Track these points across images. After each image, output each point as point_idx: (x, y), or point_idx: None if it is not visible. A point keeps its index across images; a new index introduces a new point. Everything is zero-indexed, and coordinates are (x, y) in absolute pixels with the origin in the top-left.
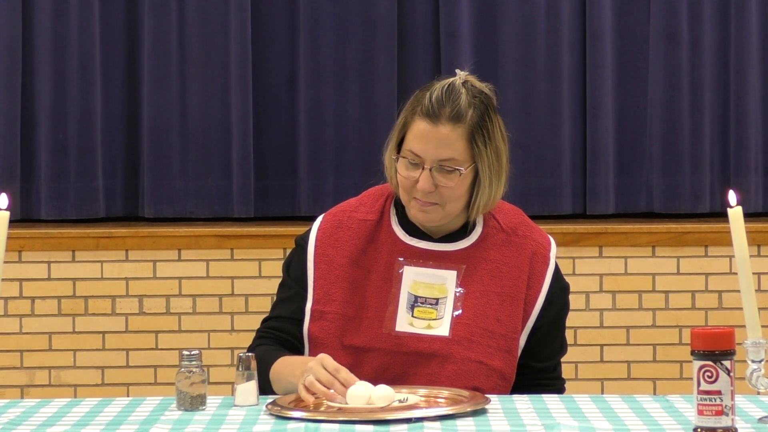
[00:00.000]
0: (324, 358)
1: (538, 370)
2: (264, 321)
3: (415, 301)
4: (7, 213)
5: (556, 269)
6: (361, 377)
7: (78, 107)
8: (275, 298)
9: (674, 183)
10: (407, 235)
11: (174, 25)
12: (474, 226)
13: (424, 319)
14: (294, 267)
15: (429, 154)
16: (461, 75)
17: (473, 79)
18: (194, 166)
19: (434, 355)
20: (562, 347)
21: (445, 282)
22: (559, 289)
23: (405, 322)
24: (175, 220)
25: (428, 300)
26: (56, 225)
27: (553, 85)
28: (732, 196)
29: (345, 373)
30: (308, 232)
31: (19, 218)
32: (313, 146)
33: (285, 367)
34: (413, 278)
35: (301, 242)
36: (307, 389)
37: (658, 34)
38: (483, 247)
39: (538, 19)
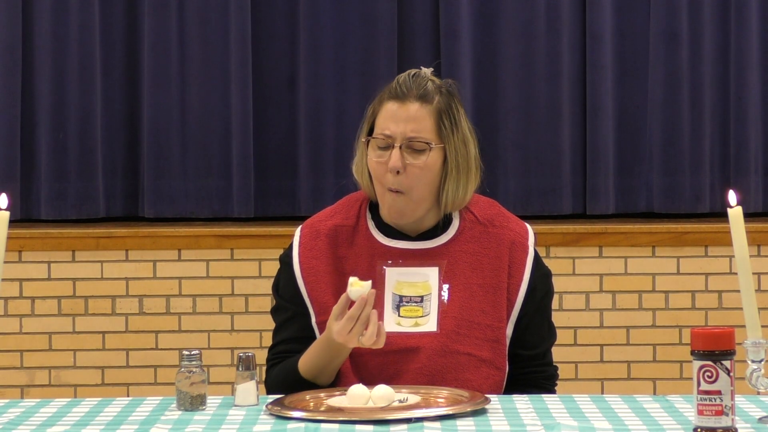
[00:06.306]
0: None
1: (528, 358)
2: (270, 349)
3: (401, 301)
4: (7, 213)
5: (536, 256)
6: (360, 379)
7: (78, 107)
8: (274, 323)
9: (674, 183)
10: (385, 237)
11: (174, 25)
12: (450, 221)
13: (411, 317)
14: (284, 286)
15: (399, 131)
16: (425, 70)
17: (435, 77)
18: (194, 166)
19: (424, 350)
20: (550, 334)
21: (428, 279)
22: (541, 275)
23: (392, 322)
24: (175, 220)
25: (413, 298)
26: (56, 225)
27: (553, 85)
28: (732, 196)
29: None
30: (290, 248)
31: (19, 218)
32: (313, 146)
33: (308, 360)
34: (396, 278)
35: (286, 259)
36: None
37: (658, 34)
38: (461, 241)
39: (538, 19)
